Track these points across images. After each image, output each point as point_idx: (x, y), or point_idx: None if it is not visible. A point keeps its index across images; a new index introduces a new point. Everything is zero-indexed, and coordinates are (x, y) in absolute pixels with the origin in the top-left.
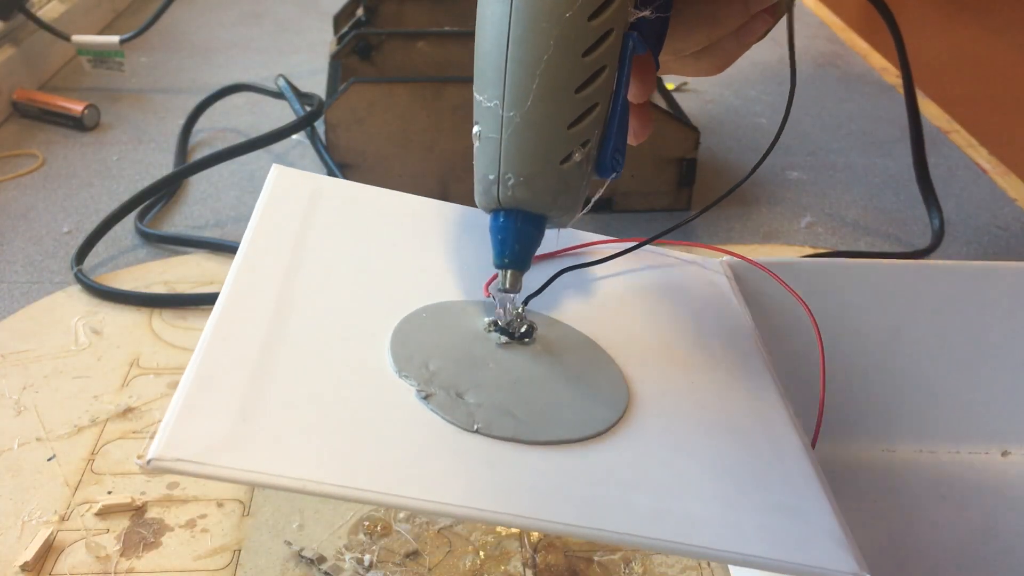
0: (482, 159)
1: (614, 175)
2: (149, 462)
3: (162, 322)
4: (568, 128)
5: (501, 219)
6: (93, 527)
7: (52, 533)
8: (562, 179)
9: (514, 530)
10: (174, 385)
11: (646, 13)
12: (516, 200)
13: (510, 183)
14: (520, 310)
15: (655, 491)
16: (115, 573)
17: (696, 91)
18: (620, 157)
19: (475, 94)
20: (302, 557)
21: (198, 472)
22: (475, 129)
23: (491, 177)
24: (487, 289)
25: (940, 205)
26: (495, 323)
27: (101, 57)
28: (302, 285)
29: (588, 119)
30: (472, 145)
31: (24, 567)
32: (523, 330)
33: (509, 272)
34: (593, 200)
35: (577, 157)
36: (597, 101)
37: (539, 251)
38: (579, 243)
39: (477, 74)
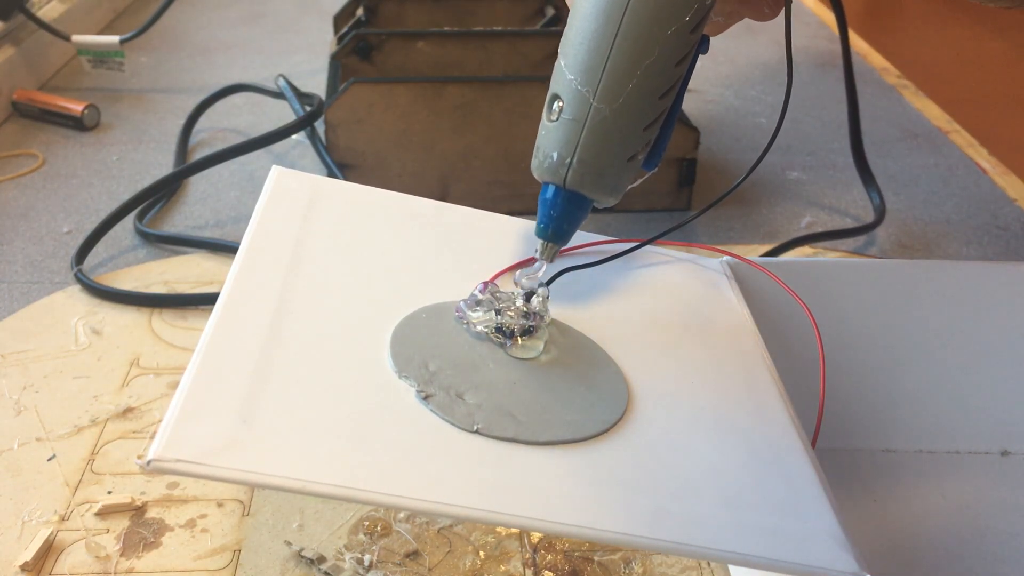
0: (556, 137)
1: (654, 169)
2: (149, 462)
3: (162, 322)
4: (644, 130)
5: (556, 194)
6: (93, 527)
7: (52, 533)
8: (624, 174)
9: (514, 530)
10: (174, 385)
11: (719, 19)
12: (581, 185)
13: (580, 169)
14: (540, 299)
15: (655, 491)
16: (115, 573)
17: (696, 91)
18: (663, 153)
19: (564, 67)
20: (302, 557)
21: (198, 473)
22: (555, 104)
23: (558, 156)
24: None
25: (877, 181)
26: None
27: (101, 57)
28: (302, 285)
29: (659, 122)
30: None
31: (24, 567)
32: (526, 329)
33: (548, 244)
34: (628, 187)
35: (640, 156)
36: (667, 106)
37: None
38: (579, 243)
39: (571, 49)
